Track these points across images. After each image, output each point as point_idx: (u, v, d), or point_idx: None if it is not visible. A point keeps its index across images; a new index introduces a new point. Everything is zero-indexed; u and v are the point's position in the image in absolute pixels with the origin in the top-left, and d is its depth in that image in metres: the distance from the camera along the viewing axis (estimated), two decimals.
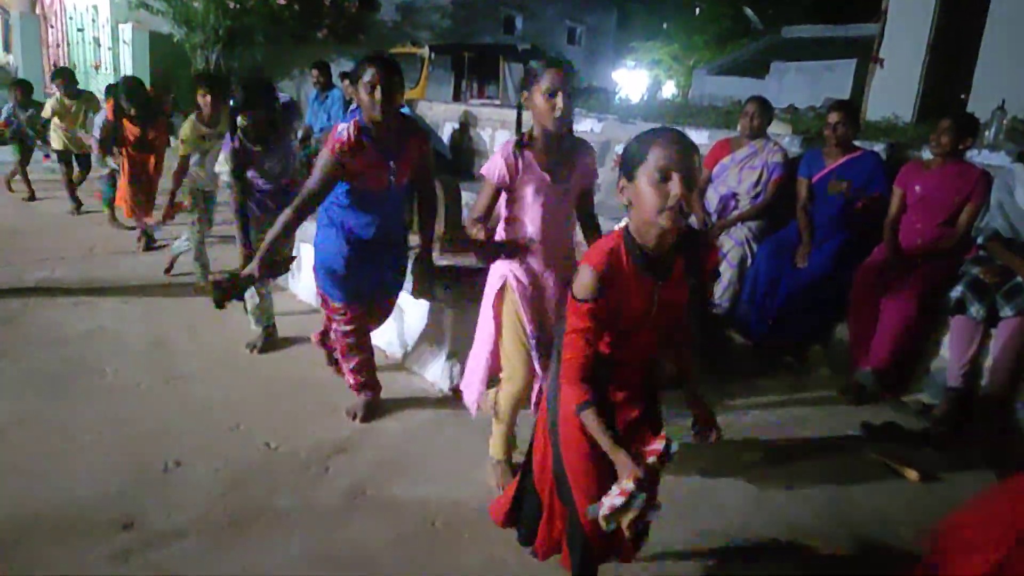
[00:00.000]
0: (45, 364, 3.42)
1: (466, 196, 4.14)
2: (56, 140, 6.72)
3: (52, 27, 14.57)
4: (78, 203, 6.83)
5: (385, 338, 3.91)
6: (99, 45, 14.09)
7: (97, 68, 13.23)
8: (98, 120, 5.78)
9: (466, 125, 6.97)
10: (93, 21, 14.09)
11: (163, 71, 13.38)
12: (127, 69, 12.43)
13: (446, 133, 7.14)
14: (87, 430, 2.86)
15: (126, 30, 13.60)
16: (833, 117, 3.94)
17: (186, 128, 4.44)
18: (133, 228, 5.84)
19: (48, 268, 4.99)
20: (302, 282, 4.69)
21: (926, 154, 3.92)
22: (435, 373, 3.50)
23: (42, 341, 3.69)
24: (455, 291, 3.31)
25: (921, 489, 2.91)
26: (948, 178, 3.66)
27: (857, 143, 4.08)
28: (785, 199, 4.18)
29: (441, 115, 7.35)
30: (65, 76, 6.77)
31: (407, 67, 14.16)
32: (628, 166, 1.72)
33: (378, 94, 2.57)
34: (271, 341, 3.83)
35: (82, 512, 2.34)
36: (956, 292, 3.39)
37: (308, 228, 3.02)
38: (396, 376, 3.60)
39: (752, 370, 3.90)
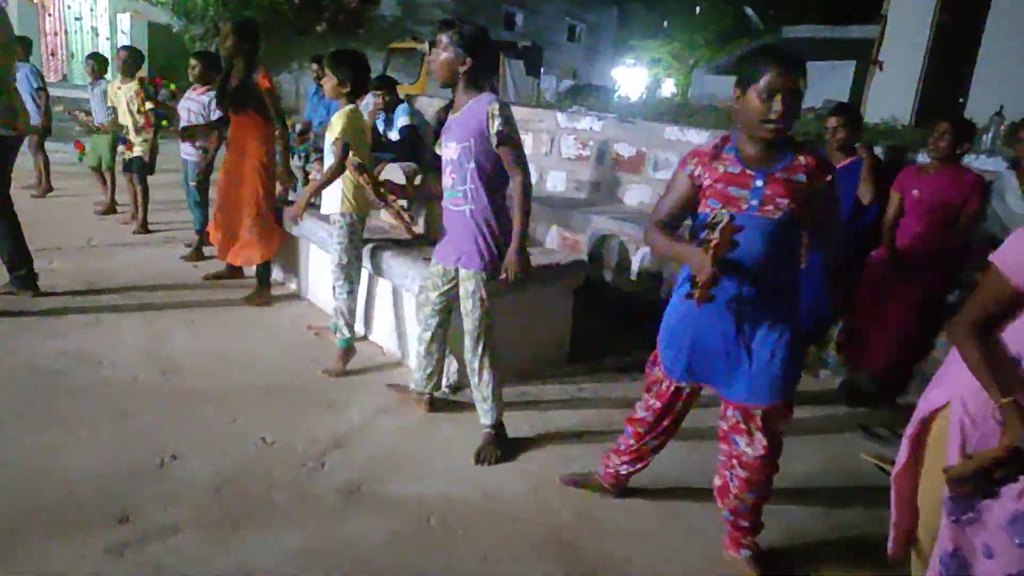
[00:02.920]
0: (43, 356, 3.41)
1: None
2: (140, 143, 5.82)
3: (50, 15, 14.51)
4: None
5: (383, 335, 3.92)
6: (97, 34, 14.03)
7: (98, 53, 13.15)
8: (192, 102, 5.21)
9: None
10: (91, 10, 14.05)
11: (161, 63, 13.34)
12: None
13: None
14: (84, 423, 2.85)
15: (124, 20, 13.57)
16: (832, 121, 3.94)
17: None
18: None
19: (46, 259, 4.96)
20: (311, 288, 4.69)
21: (923, 158, 3.93)
22: None
23: (40, 333, 3.68)
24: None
25: None
26: (946, 182, 3.67)
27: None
28: None
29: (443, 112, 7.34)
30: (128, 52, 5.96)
31: (406, 62, 14.25)
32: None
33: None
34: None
35: (79, 506, 2.34)
36: (955, 297, 3.41)
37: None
38: (392, 373, 3.61)
39: None
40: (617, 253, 4.80)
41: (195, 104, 5.22)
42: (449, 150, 2.75)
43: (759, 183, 2.03)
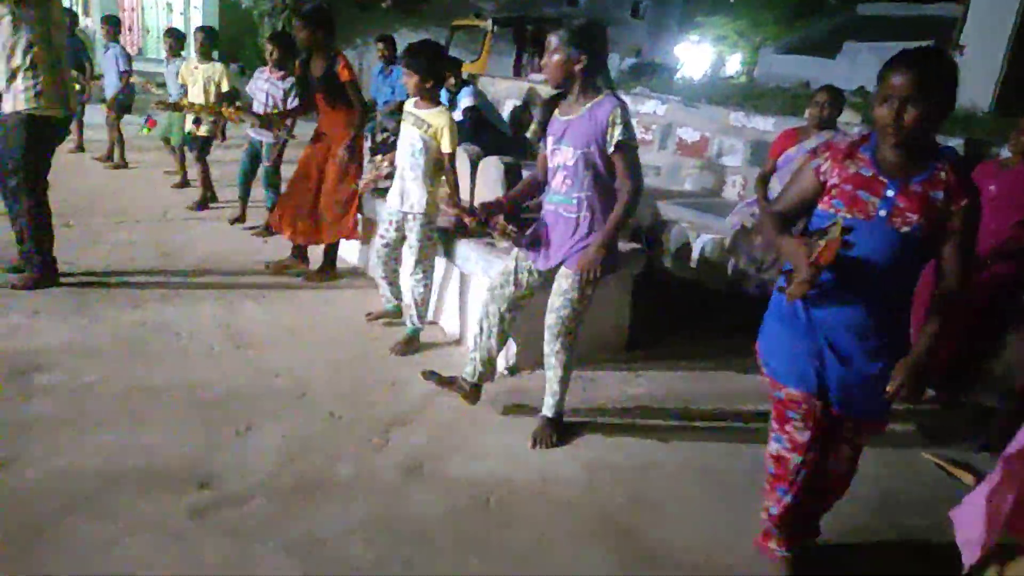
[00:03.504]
0: (125, 325, 3.62)
1: (526, 174, 4.16)
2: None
3: None
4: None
5: (445, 316, 4.02)
6: (171, 10, 14.45)
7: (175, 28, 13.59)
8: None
9: (528, 103, 6.97)
10: None
11: (231, 36, 13.66)
12: None
13: (507, 110, 7.17)
14: (165, 390, 3.03)
15: None
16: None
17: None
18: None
19: (125, 231, 5.23)
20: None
21: (1005, 153, 3.80)
22: None
23: (122, 302, 3.89)
24: None
25: None
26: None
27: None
28: None
29: (503, 91, 7.37)
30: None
31: (469, 40, 14.26)
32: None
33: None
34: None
35: (163, 469, 2.51)
36: None
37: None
38: (453, 352, 3.70)
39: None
40: (678, 240, 4.77)
41: (276, 89, 5.30)
42: (563, 155, 2.68)
43: (890, 192, 1.89)
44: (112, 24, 7.51)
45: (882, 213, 1.90)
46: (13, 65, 3.68)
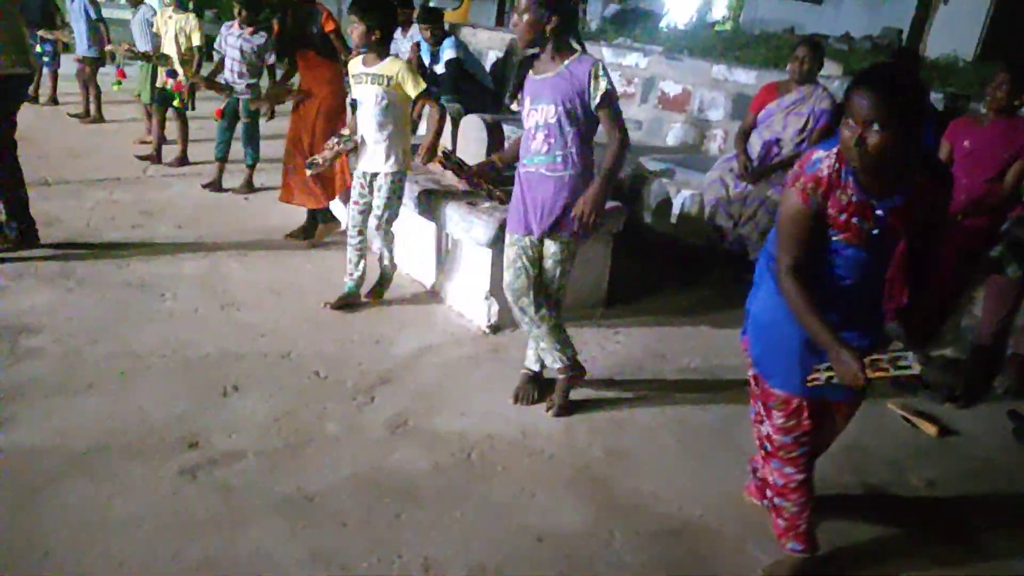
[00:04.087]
0: (110, 287, 3.65)
1: (508, 130, 4.17)
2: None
3: None
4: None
5: (424, 271, 4.07)
6: None
7: None
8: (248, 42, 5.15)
9: (510, 54, 6.89)
10: None
11: None
12: None
13: (489, 62, 7.08)
14: (152, 352, 3.08)
15: None
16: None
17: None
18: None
19: (106, 189, 5.20)
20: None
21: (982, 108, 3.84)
22: (474, 311, 3.65)
23: (106, 263, 3.91)
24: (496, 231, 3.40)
25: (938, 443, 3.03)
26: (999, 134, 3.59)
27: None
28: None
29: (485, 42, 7.27)
30: None
31: None
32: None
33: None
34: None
35: (153, 430, 2.58)
36: (995, 251, 3.40)
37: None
38: (435, 310, 3.77)
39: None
40: (658, 196, 4.82)
41: (248, 45, 5.18)
42: (542, 113, 2.66)
43: (880, 212, 1.87)
44: None
45: (875, 233, 1.90)
46: None
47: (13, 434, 2.47)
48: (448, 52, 6.17)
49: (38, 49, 7.17)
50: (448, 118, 4.06)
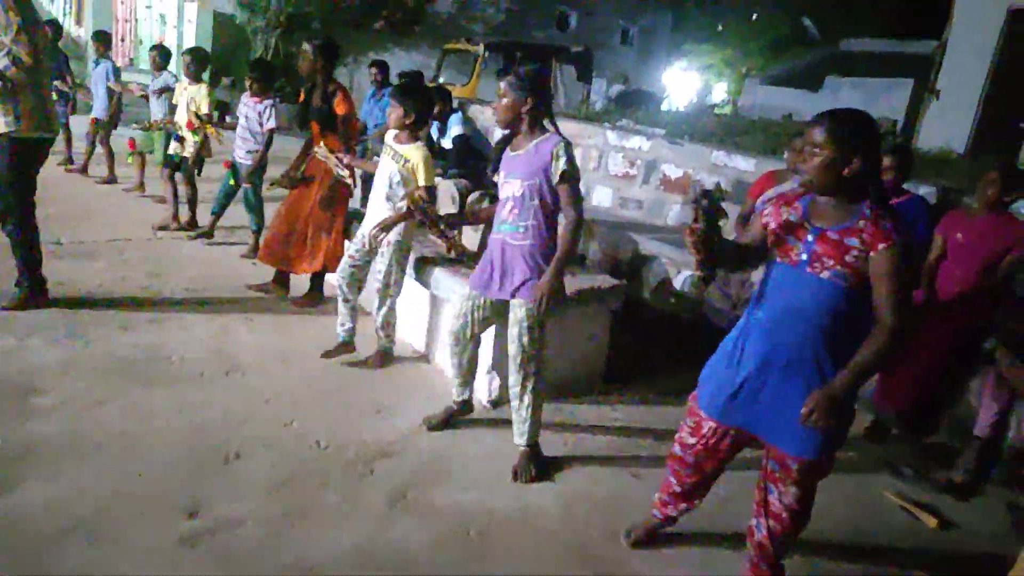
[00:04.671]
0: (118, 347, 3.70)
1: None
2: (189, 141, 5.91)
3: (122, 3, 15.07)
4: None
5: (414, 334, 4.18)
6: (165, 22, 14.53)
7: (161, 44, 13.67)
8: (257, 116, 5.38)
9: None
10: None
11: (223, 52, 13.77)
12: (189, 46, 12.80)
13: (495, 138, 7.30)
14: (157, 415, 3.12)
15: (191, 8, 14.04)
16: (886, 161, 3.99)
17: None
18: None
19: (117, 250, 5.30)
20: None
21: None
22: (475, 384, 3.69)
23: (114, 324, 3.97)
24: None
25: (939, 536, 3.03)
26: (991, 228, 3.71)
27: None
28: None
29: (491, 119, 7.50)
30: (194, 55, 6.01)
31: (460, 63, 14.45)
32: None
33: None
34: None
35: (155, 494, 2.59)
36: (989, 343, 3.47)
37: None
38: (437, 381, 3.81)
39: None
40: (657, 274, 4.93)
41: (251, 112, 5.45)
42: (512, 186, 2.89)
43: (810, 238, 2.06)
44: (102, 41, 7.62)
45: (803, 258, 2.07)
46: None
47: (21, 494, 2.49)
48: (455, 128, 6.39)
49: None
50: (457, 193, 4.22)
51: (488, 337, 3.61)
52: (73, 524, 2.37)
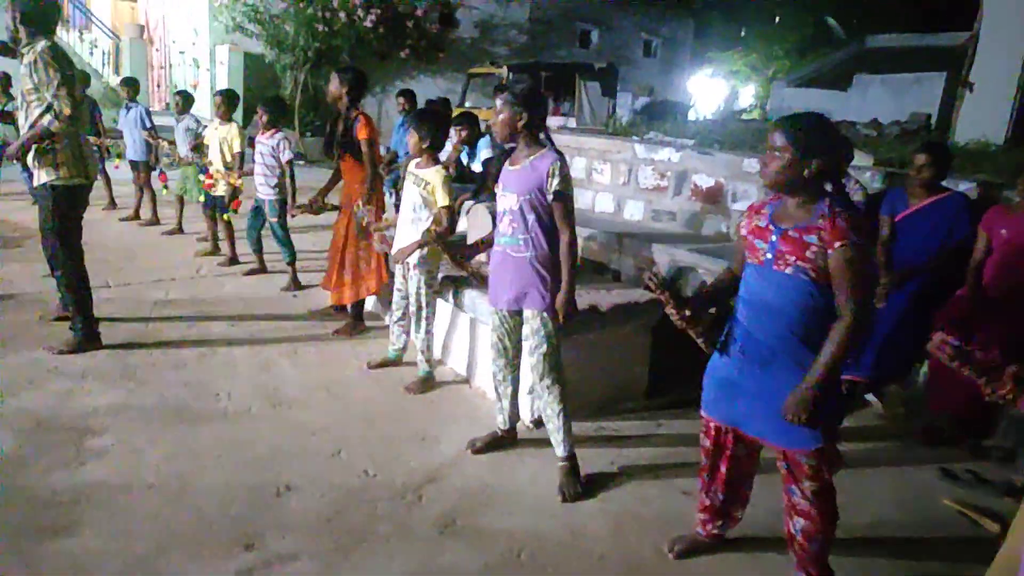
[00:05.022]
0: (168, 386, 3.79)
1: None
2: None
3: (157, 50, 15.59)
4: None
5: (455, 358, 4.19)
6: (198, 66, 14.97)
7: (195, 87, 14.08)
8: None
9: None
10: (193, 44, 15.01)
11: (255, 90, 14.11)
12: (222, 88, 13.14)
13: None
14: (208, 452, 3.18)
15: (222, 52, 14.44)
16: (919, 159, 3.94)
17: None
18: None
19: (163, 289, 5.45)
20: None
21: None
22: (520, 407, 3.70)
23: (164, 363, 4.08)
24: None
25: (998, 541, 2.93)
26: None
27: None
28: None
29: None
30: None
31: (485, 86, 14.56)
32: None
33: None
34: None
35: (211, 531, 2.64)
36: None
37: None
38: (480, 405, 3.83)
39: None
40: (695, 287, 4.89)
41: (265, 147, 5.62)
42: (509, 200, 3.00)
43: (774, 238, 2.21)
44: (130, 86, 7.90)
45: (768, 256, 2.22)
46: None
47: (81, 536, 2.56)
48: (484, 151, 6.46)
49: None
50: (487, 215, 4.27)
51: (527, 357, 3.62)
52: (133, 564, 2.43)
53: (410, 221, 3.85)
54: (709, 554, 2.70)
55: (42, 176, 3.96)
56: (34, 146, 3.89)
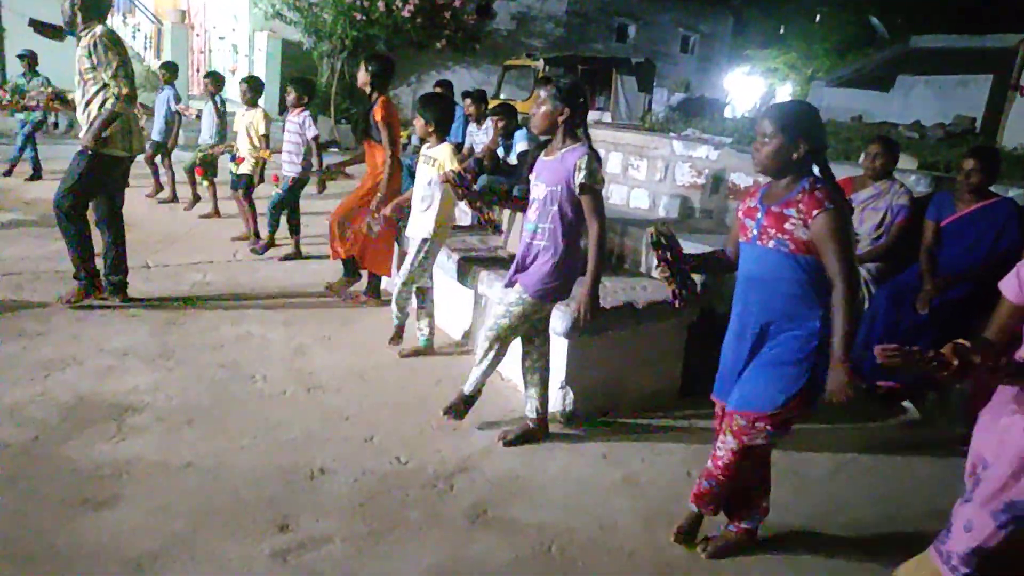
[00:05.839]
0: (205, 368, 3.85)
1: None
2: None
3: (197, 35, 15.78)
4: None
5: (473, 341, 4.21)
6: (237, 52, 15.14)
7: (233, 72, 14.24)
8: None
9: None
10: (233, 30, 15.18)
11: (291, 76, 14.23)
12: (260, 74, 13.29)
13: None
14: (244, 433, 3.23)
15: (261, 38, 14.58)
16: (968, 164, 3.85)
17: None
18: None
19: (200, 272, 5.53)
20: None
21: None
22: (549, 400, 3.69)
23: (201, 345, 4.14)
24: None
25: None
26: None
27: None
28: (909, 242, 4.12)
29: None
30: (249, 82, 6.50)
31: (520, 78, 14.55)
32: None
33: None
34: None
35: (246, 510, 2.68)
36: None
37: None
38: (512, 397, 3.83)
39: (863, 413, 3.89)
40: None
41: (292, 124, 5.89)
42: (538, 189, 3.09)
43: (759, 215, 2.34)
44: (168, 70, 8.09)
45: (754, 233, 2.35)
46: (91, 113, 4.20)
47: (120, 510, 2.61)
48: (520, 144, 6.44)
49: None
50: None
51: (560, 352, 3.62)
52: (171, 540, 2.47)
53: (421, 199, 4.03)
54: (742, 554, 2.67)
55: (87, 140, 4.19)
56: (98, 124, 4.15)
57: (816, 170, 2.32)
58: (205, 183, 7.57)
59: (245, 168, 6.33)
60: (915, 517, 3.02)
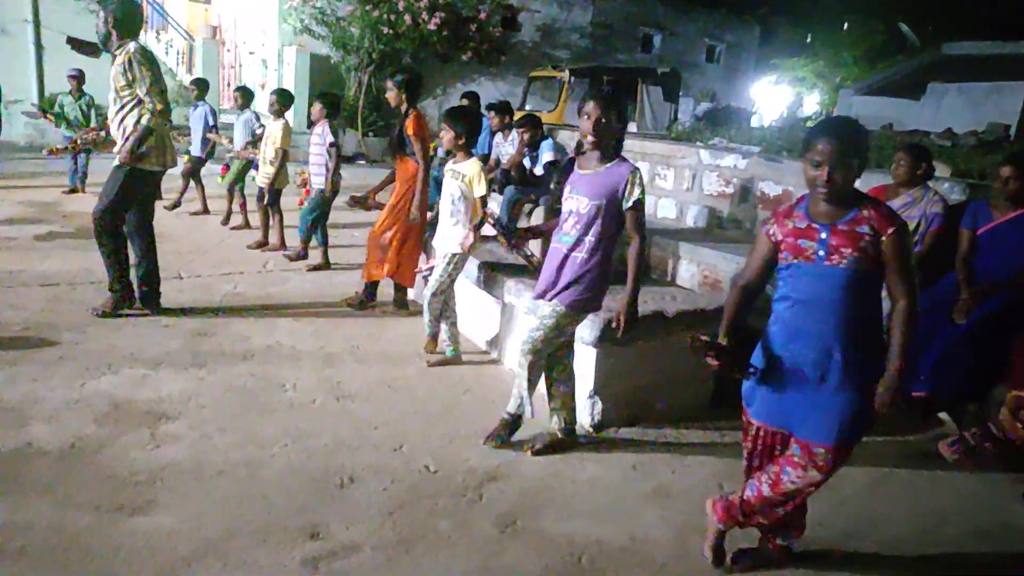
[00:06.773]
0: (236, 376, 3.90)
1: None
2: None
3: (228, 51, 16.06)
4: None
5: (506, 352, 4.19)
6: (267, 66, 15.37)
7: (263, 86, 14.45)
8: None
9: None
10: (263, 45, 15.41)
11: (319, 90, 14.42)
12: (289, 87, 13.45)
13: None
14: (275, 441, 3.25)
15: (290, 53, 14.79)
16: (1005, 171, 3.77)
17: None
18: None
19: (231, 283, 5.61)
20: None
21: None
22: (578, 409, 3.67)
23: (232, 354, 4.19)
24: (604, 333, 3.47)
25: None
26: None
27: None
28: (943, 250, 4.04)
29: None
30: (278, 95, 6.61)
31: (545, 88, 14.58)
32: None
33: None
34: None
35: (277, 518, 2.70)
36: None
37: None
38: (539, 408, 3.80)
39: (899, 424, 3.82)
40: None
41: (316, 137, 6.05)
42: (577, 202, 3.08)
43: (823, 235, 2.26)
44: (199, 86, 8.25)
45: (820, 253, 2.26)
46: (126, 128, 4.33)
47: (154, 517, 2.64)
48: (546, 155, 6.45)
49: None
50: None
51: (589, 361, 3.61)
52: (204, 547, 2.49)
53: (449, 214, 4.07)
54: (774, 568, 2.63)
55: (123, 157, 4.31)
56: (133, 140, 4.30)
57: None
58: (221, 180, 7.76)
59: (260, 180, 6.54)
60: (956, 536, 2.96)
